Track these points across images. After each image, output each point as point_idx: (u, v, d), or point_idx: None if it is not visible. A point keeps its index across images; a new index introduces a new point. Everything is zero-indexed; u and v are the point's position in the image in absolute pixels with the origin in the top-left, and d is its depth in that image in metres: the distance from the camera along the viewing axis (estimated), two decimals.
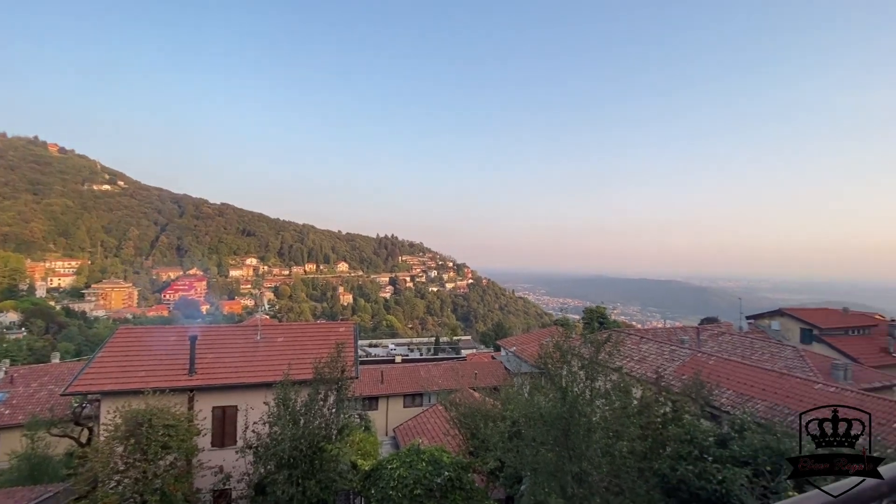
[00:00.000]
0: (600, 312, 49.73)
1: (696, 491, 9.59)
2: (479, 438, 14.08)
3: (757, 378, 18.98)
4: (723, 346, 29.22)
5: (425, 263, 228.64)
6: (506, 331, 69.51)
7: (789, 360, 25.03)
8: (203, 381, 15.38)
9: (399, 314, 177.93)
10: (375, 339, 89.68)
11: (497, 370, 32.14)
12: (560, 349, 11.17)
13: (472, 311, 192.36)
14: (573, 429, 9.24)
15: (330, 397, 13.39)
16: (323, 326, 20.84)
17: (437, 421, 20.69)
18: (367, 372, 31.64)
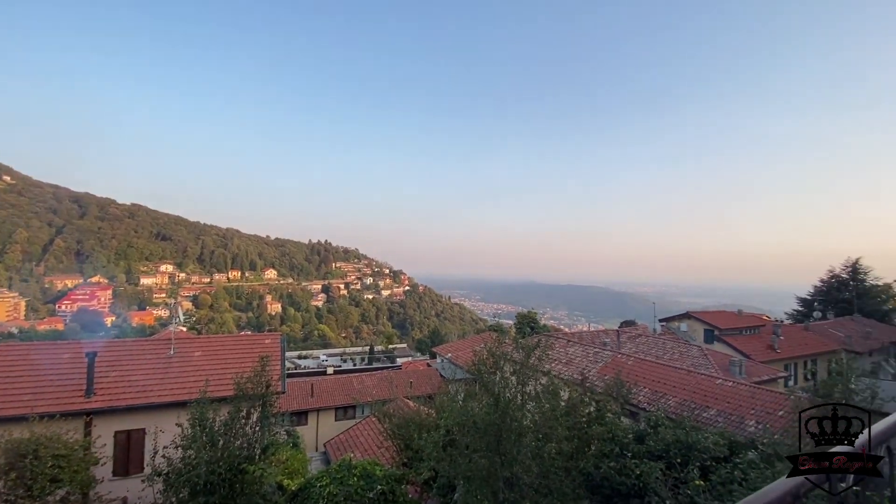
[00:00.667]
0: (531, 317, 51.66)
1: (617, 487, 10.16)
2: (413, 449, 13.88)
3: (669, 376, 20.71)
4: (640, 347, 31.59)
5: (360, 270, 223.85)
6: (442, 337, 69.93)
7: (695, 359, 27.65)
8: (103, 404, 13.72)
9: (332, 323, 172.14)
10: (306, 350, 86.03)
11: (432, 378, 32.11)
12: (493, 355, 11.38)
13: (409, 318, 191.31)
14: (505, 434, 9.40)
15: (253, 414, 12.49)
16: (247, 338, 19.53)
17: (371, 433, 20.15)
18: (297, 385, 30.16)
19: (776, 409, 15.92)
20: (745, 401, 17.04)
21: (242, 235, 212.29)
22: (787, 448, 11.08)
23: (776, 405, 16.18)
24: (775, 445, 11.01)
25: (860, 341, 38.37)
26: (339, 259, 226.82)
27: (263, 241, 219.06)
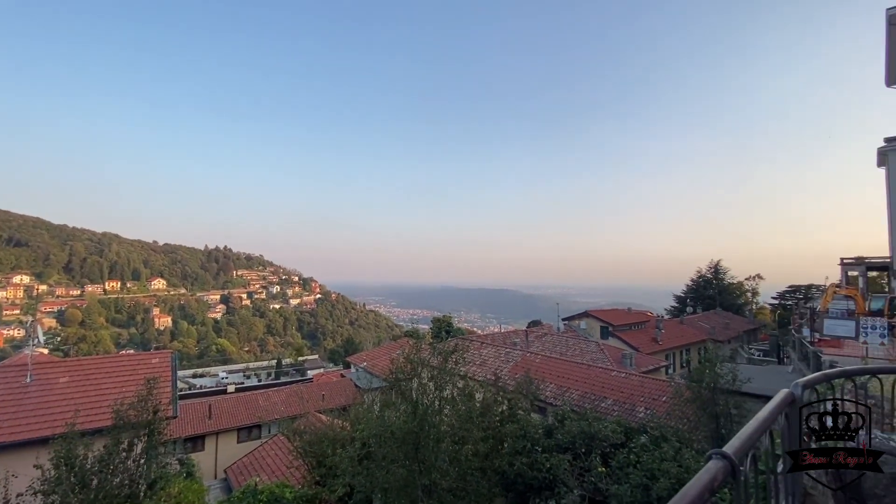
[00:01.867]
0: (447, 321, 52.52)
1: (529, 482, 10.63)
2: (326, 466, 13.21)
3: (571, 371, 22.33)
4: (546, 346, 33.71)
5: (266, 278, 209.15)
6: (356, 346, 68.03)
7: (593, 353, 30.23)
8: None
9: (233, 337, 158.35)
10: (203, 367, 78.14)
11: (347, 389, 31.01)
12: (411, 361, 11.28)
13: (321, 327, 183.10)
14: (423, 441, 9.34)
15: (137, 445, 10.94)
16: (129, 358, 17.09)
17: (279, 453, 18.80)
18: (192, 407, 27.19)
19: (660, 395, 17.94)
20: (636, 389, 18.96)
21: (123, 241, 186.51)
22: (670, 430, 12.52)
23: (660, 391, 18.24)
24: (661, 428, 12.38)
25: (722, 331, 45.06)
26: (242, 266, 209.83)
27: (150, 248, 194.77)
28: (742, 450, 1.45)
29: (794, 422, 2.21)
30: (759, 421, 1.70)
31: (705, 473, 1.23)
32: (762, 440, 1.69)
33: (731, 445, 1.43)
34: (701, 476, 1.22)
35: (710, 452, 1.35)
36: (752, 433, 1.56)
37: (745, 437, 1.52)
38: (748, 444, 1.51)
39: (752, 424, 1.64)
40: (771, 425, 1.82)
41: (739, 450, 1.42)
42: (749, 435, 1.55)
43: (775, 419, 1.90)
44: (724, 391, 13.29)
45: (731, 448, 1.40)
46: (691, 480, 1.19)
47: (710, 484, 1.18)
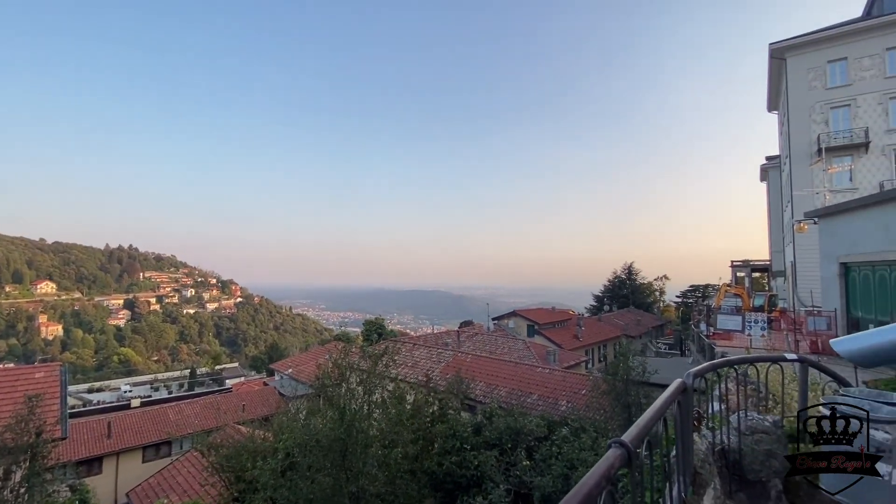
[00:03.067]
0: (379, 324, 51.73)
1: (458, 480, 10.79)
2: (245, 480, 12.40)
3: (500, 369, 23.06)
4: (476, 345, 34.49)
5: (179, 280, 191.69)
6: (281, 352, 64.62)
7: (520, 351, 31.47)
8: None
9: (139, 345, 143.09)
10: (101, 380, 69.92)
11: (270, 398, 29.37)
12: (338, 366, 10.95)
13: (242, 333, 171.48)
14: (351, 448, 9.11)
15: (15, 473, 9.52)
16: (5, 374, 14.77)
17: (192, 470, 17.32)
18: (87, 426, 24.20)
19: (580, 388, 19.10)
20: (559, 384, 20.02)
21: (2, 238, 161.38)
22: (588, 421, 13.39)
23: (580, 385, 19.42)
24: (581, 420, 13.18)
25: (634, 327, 49.11)
26: (150, 268, 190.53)
27: (35, 246, 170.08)
28: (638, 437, 1.58)
29: (686, 408, 2.46)
30: (654, 409, 1.87)
31: (604, 462, 1.32)
32: (657, 426, 1.86)
33: (628, 434, 1.55)
34: (600, 464, 1.31)
35: (609, 441, 1.45)
36: (647, 421, 1.72)
37: (641, 425, 1.66)
38: (644, 431, 1.65)
39: (648, 413, 1.81)
40: (665, 413, 2.00)
41: (636, 437, 1.55)
42: (645, 423, 1.70)
43: (668, 406, 2.11)
44: (635, 382, 14.49)
45: (629, 436, 1.52)
46: (592, 469, 1.27)
47: (608, 471, 1.28)
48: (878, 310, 13.27)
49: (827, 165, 24.74)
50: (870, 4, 25.88)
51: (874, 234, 13.15)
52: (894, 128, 23.87)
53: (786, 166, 29.59)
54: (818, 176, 24.91)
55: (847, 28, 25.06)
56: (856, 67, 24.88)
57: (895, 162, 23.67)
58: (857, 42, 24.92)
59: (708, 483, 2.67)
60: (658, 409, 1.90)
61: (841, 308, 14.89)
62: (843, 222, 14.87)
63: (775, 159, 35.83)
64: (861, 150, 24.27)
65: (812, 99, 25.83)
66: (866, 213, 13.69)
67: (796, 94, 26.36)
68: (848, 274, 14.81)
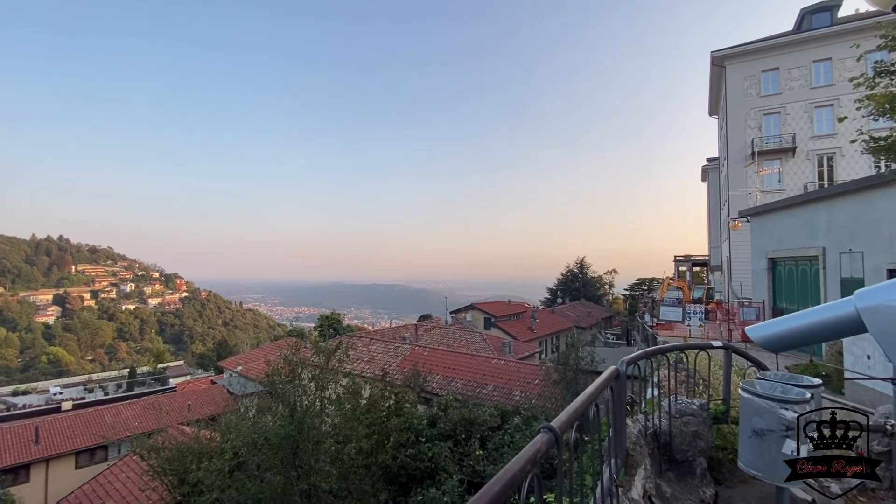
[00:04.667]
0: (335, 319, 50.76)
1: (412, 472, 10.84)
2: (189, 483, 11.84)
3: (457, 361, 23.31)
4: (434, 338, 34.64)
5: (116, 274, 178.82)
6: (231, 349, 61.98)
7: (477, 344, 31.95)
8: None
9: (72, 344, 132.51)
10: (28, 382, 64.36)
11: (217, 396, 28.16)
12: (289, 362, 10.66)
13: (187, 329, 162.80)
14: (302, 445, 8.92)
15: None
16: None
17: (130, 475, 16.34)
18: (11, 431, 22.29)
19: (534, 378, 19.68)
20: (513, 375, 20.52)
21: None
22: (541, 409, 13.83)
23: (534, 375, 20.00)
24: (533, 409, 13.59)
25: (585, 319, 51.10)
26: (83, 261, 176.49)
27: None
28: (568, 422, 1.65)
29: (619, 394, 2.59)
30: (586, 395, 1.95)
31: (531, 446, 1.36)
32: (589, 411, 1.94)
33: (557, 419, 1.61)
34: (528, 448, 1.35)
35: (538, 427, 1.50)
36: (577, 407, 1.79)
37: (571, 410, 1.73)
38: (574, 416, 1.72)
39: (579, 399, 1.89)
40: (597, 398, 2.10)
41: (565, 422, 1.61)
42: (575, 409, 1.77)
43: (601, 393, 2.21)
44: (584, 371, 15.13)
45: (558, 421, 1.58)
46: (518, 454, 1.31)
47: (534, 456, 1.32)
48: (799, 301, 14.56)
49: (759, 167, 26.74)
50: (800, 19, 28.07)
51: (797, 232, 14.37)
52: (818, 134, 26.10)
53: (724, 167, 31.69)
54: (751, 177, 26.87)
55: (779, 40, 27.05)
56: (786, 77, 26.95)
57: (817, 166, 25.94)
58: (787, 54, 26.97)
59: (639, 464, 2.84)
60: (589, 395, 1.99)
61: (768, 299, 16.20)
62: (772, 220, 16.15)
63: (715, 161, 38.27)
64: (789, 154, 26.38)
65: (748, 105, 27.76)
66: (791, 213, 14.92)
67: (734, 100, 28.22)
68: (775, 268, 16.12)
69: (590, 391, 2.04)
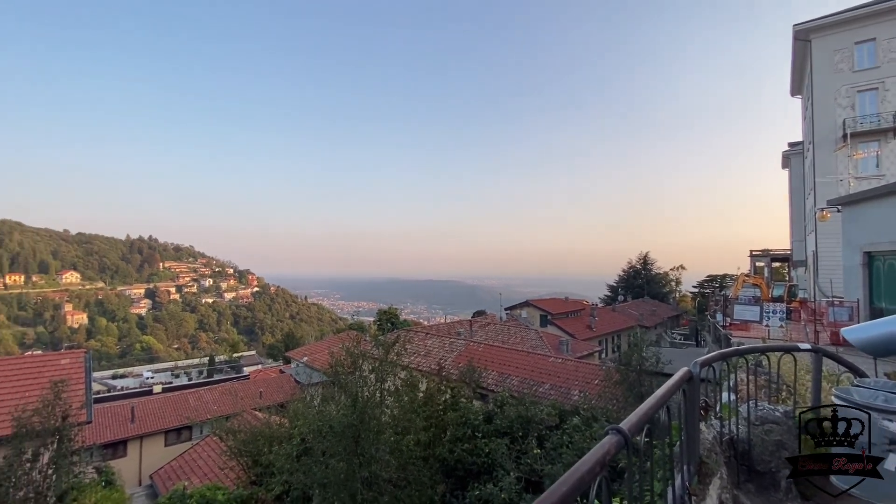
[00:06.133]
0: (392, 313, 52.18)
1: (469, 467, 10.91)
2: (262, 464, 12.75)
3: (512, 358, 23.10)
4: (489, 334, 34.56)
5: (197, 270, 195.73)
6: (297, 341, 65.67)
7: (533, 341, 31.44)
8: None
9: (160, 334, 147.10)
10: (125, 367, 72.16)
11: (286, 385, 29.99)
12: (351, 355, 11.11)
13: (259, 322, 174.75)
14: (364, 434, 9.27)
15: (44, 455, 9.95)
16: (33, 360, 15.34)
17: (211, 454, 17.85)
18: (111, 410, 25.07)
19: (593, 378, 19.05)
20: (571, 374, 19.99)
21: (27, 229, 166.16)
22: (601, 410, 13.37)
23: (593, 375, 19.37)
24: (593, 409, 13.17)
25: (649, 318, 48.58)
26: (169, 258, 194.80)
27: (60, 237, 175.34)
28: (637, 424, 1.58)
29: (692, 397, 2.44)
30: (656, 397, 1.86)
31: (600, 448, 1.32)
32: (659, 414, 1.85)
33: (627, 421, 1.55)
34: (596, 450, 1.31)
35: (607, 428, 1.45)
36: (647, 409, 1.71)
37: (641, 412, 1.66)
38: (644, 419, 1.64)
39: (650, 401, 1.80)
40: (668, 401, 1.99)
41: (635, 424, 1.55)
42: (645, 411, 1.69)
43: (672, 395, 2.09)
44: (648, 373, 14.39)
45: (627, 423, 1.52)
46: (586, 455, 1.28)
47: (603, 457, 1.28)
48: None
49: (852, 151, 23.90)
50: None
51: None
52: None
53: (809, 153, 28.67)
54: (842, 162, 24.10)
55: (876, 7, 23.96)
56: (885, 49, 23.83)
57: None
58: (886, 22, 23.83)
59: (714, 472, 2.66)
60: (660, 398, 1.89)
61: (863, 298, 14.49)
62: (868, 210, 14.39)
63: (798, 146, 34.74)
64: (889, 134, 23.35)
65: (838, 82, 24.89)
66: (892, 201, 13.22)
67: (821, 77, 25.41)
68: (872, 263, 14.37)
69: (660, 393, 1.94)
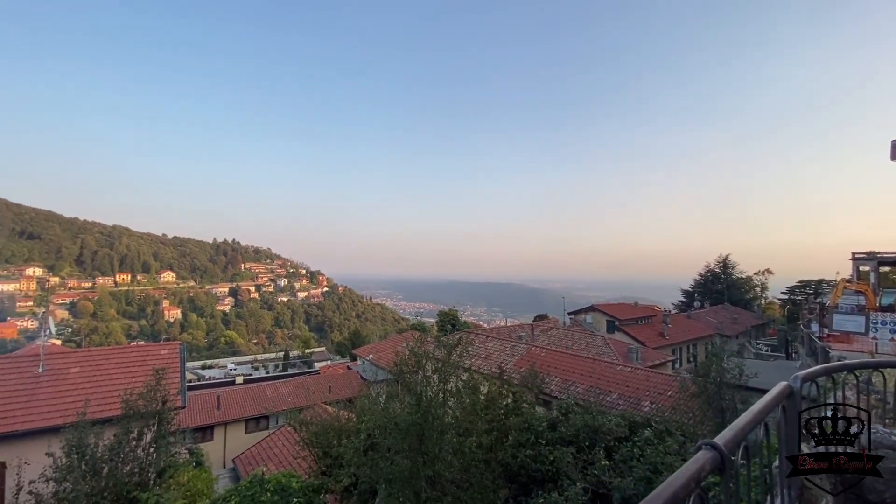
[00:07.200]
0: (452, 315, 52.62)
1: (533, 474, 10.68)
2: (332, 456, 13.37)
3: (577, 365, 22.31)
4: (552, 339, 33.68)
5: (274, 271, 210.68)
6: (363, 339, 68.39)
7: (599, 348, 30.15)
8: None
9: (242, 329, 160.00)
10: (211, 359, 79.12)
11: (353, 381, 31.27)
12: (415, 354, 11.33)
13: (327, 320, 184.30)
14: (427, 433, 9.40)
15: (146, 435, 11.16)
16: (138, 350, 17.34)
17: (286, 443, 19.06)
18: (201, 398, 27.63)
19: (666, 389, 17.89)
20: (641, 384, 18.91)
21: (133, 234, 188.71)
22: (675, 424, 12.50)
23: (666, 386, 18.19)
24: (666, 422, 12.36)
25: (730, 326, 44.73)
26: (249, 259, 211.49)
27: (159, 241, 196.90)
28: (733, 441, 1.45)
29: (792, 415, 2.20)
30: (753, 413, 1.69)
31: (693, 463, 1.23)
32: (756, 432, 1.69)
33: (722, 436, 1.43)
34: (689, 465, 1.22)
35: (699, 442, 1.35)
36: (744, 425, 1.56)
37: (737, 428, 1.52)
38: (740, 435, 1.51)
39: (746, 416, 1.64)
40: (765, 417, 1.81)
41: (731, 441, 1.43)
42: (742, 427, 1.55)
43: (770, 411, 1.90)
44: (730, 386, 13.23)
45: (722, 439, 1.40)
46: (679, 469, 1.19)
47: (697, 474, 1.19)
48: None
49: None
50: None
51: None
52: None
53: None
54: None
55: None
56: None
57: None
58: None
59: (818, 500, 2.38)
60: (757, 413, 1.72)
61: None
62: None
63: None
64: None
65: None
66: None
67: None
68: None
69: (757, 408, 1.77)
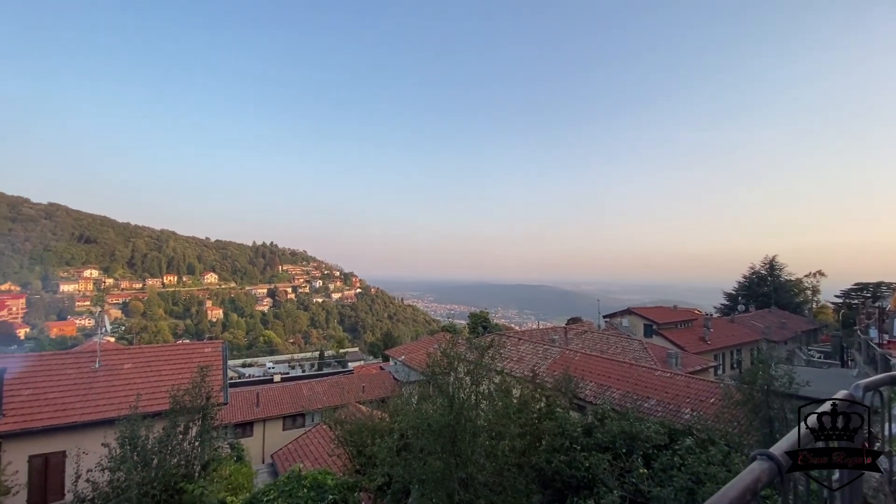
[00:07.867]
0: (484, 317, 52.35)
1: (567, 480, 10.46)
2: (366, 455, 13.57)
3: (612, 369, 21.71)
4: (586, 343, 32.93)
5: (309, 273, 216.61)
6: (395, 340, 69.18)
7: (636, 352, 29.22)
8: (14, 425, 12.29)
9: (279, 329, 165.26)
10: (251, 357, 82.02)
11: (385, 381, 31.66)
12: (447, 356, 11.35)
13: (361, 321, 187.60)
14: (460, 435, 9.38)
15: (192, 429, 11.71)
16: (184, 347, 18.22)
17: (321, 441, 19.49)
18: (241, 395, 28.69)
19: (708, 396, 17.13)
20: (681, 390, 18.19)
21: (179, 237, 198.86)
22: (718, 433, 11.95)
23: (708, 393, 17.41)
24: (708, 431, 11.83)
25: (777, 331, 42.36)
26: (286, 262, 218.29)
27: (202, 244, 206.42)
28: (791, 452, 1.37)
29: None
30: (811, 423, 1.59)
31: (748, 474, 1.17)
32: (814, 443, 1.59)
33: (777, 447, 1.35)
34: (744, 476, 1.16)
35: (754, 453, 1.28)
36: (802, 435, 1.47)
37: (794, 439, 1.43)
38: (797, 446, 1.42)
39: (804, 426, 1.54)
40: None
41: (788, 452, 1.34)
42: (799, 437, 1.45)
43: None
44: (778, 394, 12.52)
45: (778, 449, 1.32)
46: (733, 480, 1.14)
47: (754, 485, 1.13)
48: None
49: None
50: None
51: None
52: None
53: None
54: None
55: None
56: None
57: None
58: None
59: None
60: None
61: None
62: None
63: None
64: None
65: None
66: None
67: None
68: None
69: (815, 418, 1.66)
